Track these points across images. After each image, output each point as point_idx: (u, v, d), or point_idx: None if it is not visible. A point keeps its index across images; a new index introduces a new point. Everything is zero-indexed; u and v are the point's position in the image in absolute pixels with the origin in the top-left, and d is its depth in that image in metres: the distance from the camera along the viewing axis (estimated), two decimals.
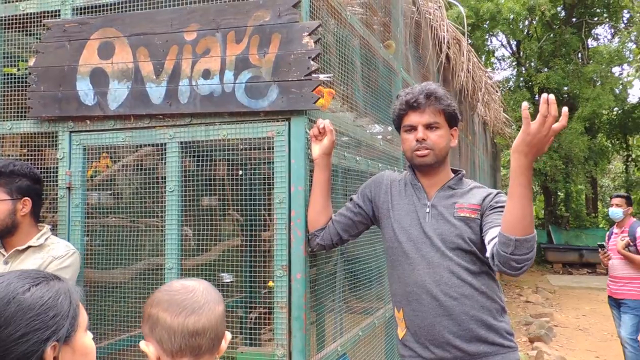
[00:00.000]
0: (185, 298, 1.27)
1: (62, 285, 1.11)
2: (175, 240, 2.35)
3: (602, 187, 24.29)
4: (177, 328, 1.24)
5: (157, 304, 1.27)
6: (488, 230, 1.93)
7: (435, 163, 2.09)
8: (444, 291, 1.99)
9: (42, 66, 2.51)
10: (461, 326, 1.98)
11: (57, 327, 1.06)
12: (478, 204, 2.04)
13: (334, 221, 2.23)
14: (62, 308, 1.07)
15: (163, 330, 1.25)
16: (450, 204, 2.07)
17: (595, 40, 19.92)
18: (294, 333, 2.13)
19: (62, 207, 2.53)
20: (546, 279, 14.48)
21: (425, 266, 2.03)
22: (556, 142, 16.18)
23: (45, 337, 1.04)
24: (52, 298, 1.07)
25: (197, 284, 1.33)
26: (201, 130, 2.33)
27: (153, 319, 1.27)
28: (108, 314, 2.53)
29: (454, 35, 5.62)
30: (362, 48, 2.99)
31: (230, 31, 2.26)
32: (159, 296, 1.30)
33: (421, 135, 2.06)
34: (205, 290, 1.32)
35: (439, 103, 2.07)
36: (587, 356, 7.23)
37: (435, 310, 2.00)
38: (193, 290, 1.30)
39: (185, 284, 1.32)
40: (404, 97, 2.12)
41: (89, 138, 2.52)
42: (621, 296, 5.50)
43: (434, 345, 2.01)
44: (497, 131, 11.68)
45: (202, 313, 1.27)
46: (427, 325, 2.01)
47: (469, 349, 1.97)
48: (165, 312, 1.25)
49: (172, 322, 1.25)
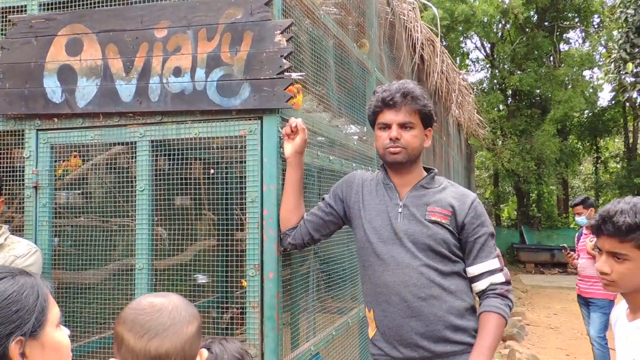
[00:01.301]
0: (149, 319, 1.19)
1: (28, 280, 1.09)
2: (146, 240, 2.32)
3: (572, 188, 24.77)
4: (140, 351, 1.17)
5: (123, 323, 1.20)
6: (470, 265, 2.07)
7: (407, 162, 2.09)
8: (412, 292, 2.00)
9: (8, 62, 2.45)
10: (429, 327, 1.99)
11: (22, 322, 1.03)
12: (449, 210, 2.05)
13: (306, 220, 2.22)
14: (26, 302, 1.05)
15: (127, 351, 1.18)
16: (422, 204, 2.08)
17: (567, 44, 20.35)
18: (267, 333, 2.12)
19: (29, 207, 2.47)
20: (518, 278, 14.70)
21: (394, 267, 2.03)
22: (529, 143, 16.47)
23: (8, 332, 1.01)
24: (15, 292, 1.05)
25: (167, 302, 1.23)
26: (172, 129, 2.30)
27: (119, 337, 1.20)
28: (78, 316, 2.48)
29: (428, 37, 5.67)
30: (336, 48, 2.99)
31: (201, 28, 2.24)
32: (126, 313, 1.22)
33: (395, 134, 2.06)
34: (175, 310, 1.23)
35: (415, 103, 2.07)
36: (557, 354, 7.35)
37: (403, 312, 2.01)
38: (160, 309, 1.21)
39: (153, 302, 1.23)
40: (380, 94, 2.11)
41: (57, 136, 2.46)
42: (590, 295, 5.61)
43: (402, 345, 2.02)
44: (471, 132, 11.82)
45: (166, 337, 1.19)
46: (396, 326, 2.02)
47: (436, 349, 1.99)
48: (129, 332, 1.19)
49: (134, 345, 1.17)
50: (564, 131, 19.83)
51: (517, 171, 16.43)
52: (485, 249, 2.05)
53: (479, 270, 2.05)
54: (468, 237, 2.06)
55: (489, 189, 23.25)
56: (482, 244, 2.06)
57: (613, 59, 9.65)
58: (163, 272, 2.47)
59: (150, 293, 1.34)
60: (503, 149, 16.44)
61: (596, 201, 20.85)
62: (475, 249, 2.05)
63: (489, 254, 2.05)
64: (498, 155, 16.39)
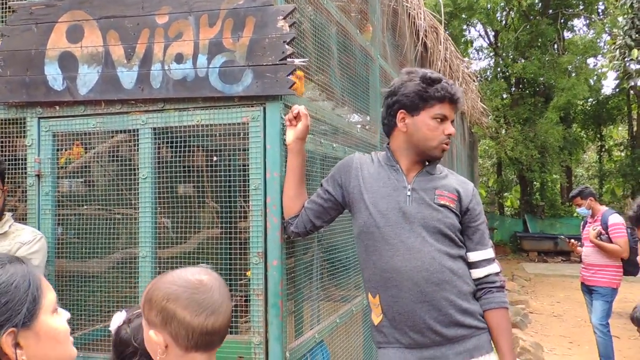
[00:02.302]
0: (205, 297, 1.27)
1: (18, 268, 1.06)
2: (149, 228, 2.31)
3: (576, 176, 24.72)
4: (197, 327, 1.25)
5: (175, 300, 1.26)
6: (472, 250, 2.10)
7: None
8: (425, 277, 1.98)
9: (8, 50, 2.43)
10: (441, 311, 1.98)
11: (12, 313, 1.01)
12: (456, 195, 2.09)
13: (306, 208, 2.20)
14: (17, 293, 1.03)
15: (181, 327, 1.25)
16: (430, 188, 2.07)
17: (571, 32, 20.19)
18: (271, 320, 2.12)
19: (32, 195, 2.47)
20: (522, 267, 14.71)
21: (405, 252, 2.00)
22: (532, 132, 16.41)
23: None
24: (5, 283, 1.02)
25: (212, 279, 1.32)
26: (175, 116, 2.29)
27: (169, 313, 1.25)
28: (82, 304, 2.48)
29: (431, 24, 5.62)
30: (339, 35, 2.96)
31: (203, 14, 2.21)
32: (175, 291, 1.27)
33: (453, 130, 2.10)
34: (221, 287, 1.33)
35: (459, 104, 2.13)
36: (560, 341, 7.36)
37: (416, 297, 1.98)
38: (211, 288, 1.30)
39: (202, 280, 1.30)
40: (447, 86, 2.08)
41: (59, 124, 2.45)
42: (593, 283, 5.61)
43: (413, 330, 2.00)
44: (474, 121, 11.76)
45: (221, 313, 1.29)
46: (408, 311, 2.00)
47: (448, 333, 1.99)
48: (184, 310, 1.25)
49: (191, 321, 1.25)
50: (568, 119, 19.75)
51: (521, 159, 16.38)
52: (485, 237, 2.11)
53: (479, 257, 2.08)
54: (470, 222, 2.10)
55: (492, 177, 23.23)
56: (483, 232, 2.11)
57: (618, 46, 9.57)
58: (167, 260, 2.46)
59: (182, 269, 1.35)
60: (506, 138, 16.38)
61: (600, 189, 20.90)
62: (477, 235, 2.10)
63: (488, 243, 2.10)
64: (501, 144, 16.34)
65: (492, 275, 2.08)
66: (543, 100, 18.10)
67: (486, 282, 2.07)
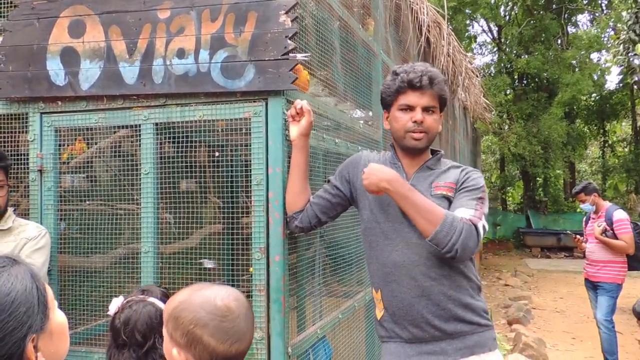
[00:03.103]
0: (232, 327, 1.31)
1: (23, 270, 1.05)
2: (151, 224, 2.31)
3: (579, 172, 24.65)
4: (220, 353, 1.29)
5: (203, 327, 1.29)
6: (453, 210, 1.96)
7: (426, 146, 2.10)
8: (422, 272, 1.99)
9: (10, 45, 2.43)
10: (439, 306, 1.98)
11: (32, 320, 1.01)
12: (454, 182, 2.04)
13: (312, 203, 2.20)
14: (32, 298, 1.02)
15: (205, 351, 1.29)
16: (428, 183, 2.07)
17: (575, 27, 20.10)
18: (273, 316, 2.12)
19: (34, 190, 2.47)
20: (525, 262, 14.70)
21: (403, 247, 2.01)
22: (535, 127, 16.36)
23: (23, 335, 0.99)
24: (20, 292, 1.01)
25: (240, 307, 1.35)
26: (177, 111, 2.28)
27: (195, 338, 1.29)
28: (84, 300, 2.48)
29: (434, 19, 5.59)
30: (342, 30, 2.95)
31: (205, 9, 2.20)
32: (203, 317, 1.29)
33: (420, 117, 2.04)
34: (247, 314, 1.36)
35: (439, 87, 2.06)
36: (563, 337, 7.36)
37: (413, 291, 2.00)
38: (238, 315, 1.33)
39: (230, 307, 1.32)
40: (405, 74, 2.06)
41: (61, 119, 2.45)
42: (597, 279, 5.60)
43: (412, 325, 2.01)
44: (477, 116, 11.73)
45: (244, 340, 1.33)
46: (406, 305, 2.01)
47: (447, 328, 1.98)
48: (211, 337, 1.29)
49: (217, 347, 1.29)
50: (571, 115, 19.67)
51: (524, 155, 16.33)
52: (469, 202, 1.97)
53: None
54: (458, 191, 2.02)
55: (495, 173, 23.18)
56: (469, 197, 1.99)
57: (622, 41, 9.52)
58: (169, 256, 2.46)
59: (210, 285, 1.38)
60: (509, 133, 16.33)
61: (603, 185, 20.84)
62: (459, 200, 1.99)
63: (470, 205, 1.96)
64: (504, 140, 16.29)
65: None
66: (546, 96, 18.03)
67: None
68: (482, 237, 1.95)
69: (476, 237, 1.89)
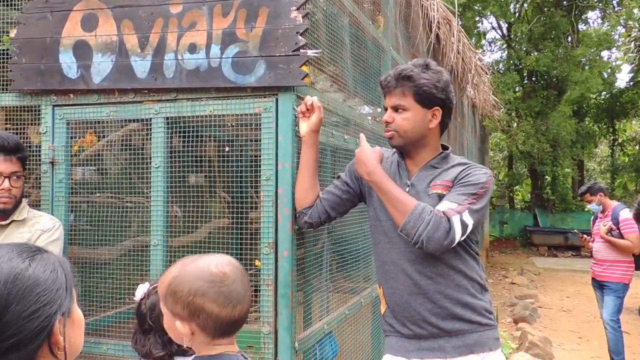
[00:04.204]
0: (231, 290, 1.33)
1: (53, 258, 1.09)
2: (160, 217, 2.33)
3: (588, 170, 24.51)
4: (224, 317, 1.31)
5: (202, 295, 1.30)
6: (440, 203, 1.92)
7: (405, 145, 2.06)
8: (418, 270, 1.99)
9: (24, 38, 2.45)
10: (436, 304, 1.98)
11: (62, 301, 1.04)
12: (452, 179, 1.99)
13: (322, 199, 2.21)
14: (62, 281, 1.06)
15: (209, 319, 1.31)
16: (427, 182, 2.04)
17: (585, 24, 19.94)
18: (280, 310, 2.13)
19: (46, 182, 2.49)
20: (531, 261, 14.66)
21: (402, 245, 2.02)
22: (544, 125, 16.27)
23: (54, 311, 1.02)
24: (52, 272, 1.05)
25: (235, 271, 1.37)
26: (187, 106, 2.30)
27: (197, 307, 1.30)
28: (94, 291, 2.51)
29: (444, 15, 5.57)
30: (352, 26, 2.95)
31: (216, 4, 2.21)
32: (202, 286, 1.31)
33: (385, 117, 2.06)
34: (243, 276, 1.38)
35: (407, 84, 1.99)
36: (570, 336, 7.34)
37: (410, 289, 2.01)
38: (234, 279, 1.35)
39: (226, 272, 1.34)
40: (382, 79, 2.10)
41: (73, 112, 2.47)
42: (604, 278, 5.58)
43: (410, 322, 2.03)
44: (486, 114, 11.69)
45: (245, 302, 1.36)
46: (404, 303, 2.03)
47: (445, 326, 1.98)
48: (213, 303, 1.30)
49: (220, 313, 1.31)
50: (580, 113, 19.53)
51: (532, 153, 16.25)
52: (458, 196, 1.92)
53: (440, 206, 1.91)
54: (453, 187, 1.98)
55: (503, 171, 23.09)
56: (453, 192, 1.95)
57: (633, 38, 9.45)
58: (177, 249, 2.48)
59: (203, 259, 1.38)
60: (518, 131, 16.25)
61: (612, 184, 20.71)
62: (450, 195, 1.94)
63: (451, 199, 1.91)
64: (513, 137, 16.22)
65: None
66: (556, 94, 17.91)
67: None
68: (463, 233, 1.87)
69: (446, 230, 1.82)
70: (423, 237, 1.84)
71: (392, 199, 1.93)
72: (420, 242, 1.85)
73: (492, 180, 2.03)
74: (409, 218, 1.87)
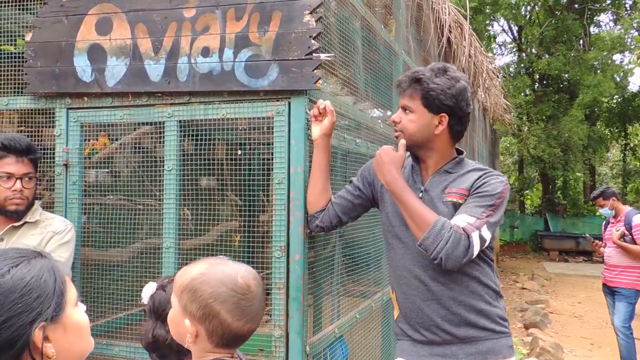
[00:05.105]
0: (249, 305, 1.32)
1: (45, 263, 1.07)
2: (173, 220, 2.34)
3: (600, 175, 24.31)
4: (234, 329, 1.31)
5: (222, 302, 1.29)
6: (457, 214, 1.89)
7: (410, 147, 2.04)
8: (431, 276, 1.97)
9: (39, 41, 2.47)
10: (449, 311, 1.96)
11: (43, 308, 1.01)
12: (467, 189, 1.95)
13: (334, 203, 2.21)
14: (46, 287, 1.03)
15: (220, 327, 1.30)
16: (442, 189, 2.00)
17: (598, 27, 19.81)
18: (292, 314, 2.13)
19: (59, 184, 2.51)
20: (542, 266, 14.55)
21: (415, 250, 1.99)
22: (555, 129, 16.16)
23: (30, 320, 1.00)
24: (34, 278, 1.02)
25: (258, 287, 1.36)
26: (200, 109, 2.31)
27: (213, 312, 1.29)
28: (106, 293, 2.52)
29: (455, 19, 5.56)
30: (364, 29, 2.95)
31: (230, 8, 2.22)
32: (223, 293, 1.30)
33: (393, 116, 2.05)
34: (262, 295, 1.38)
35: (418, 86, 1.98)
36: (581, 343, 7.28)
37: (423, 295, 1.99)
38: (256, 296, 1.34)
39: (250, 286, 1.33)
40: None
41: (87, 115, 2.49)
42: (616, 284, 5.53)
43: (423, 328, 2.01)
44: (496, 117, 11.63)
45: (256, 321, 1.35)
46: (416, 308, 2.01)
47: (458, 333, 1.96)
48: (228, 313, 1.30)
49: (231, 324, 1.30)
50: (592, 117, 19.39)
51: (543, 157, 16.15)
52: (474, 208, 1.87)
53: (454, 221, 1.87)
54: (467, 199, 1.93)
55: (514, 175, 22.95)
56: (470, 203, 1.90)
57: None
58: (187, 252, 2.49)
59: (226, 260, 1.39)
60: (529, 135, 16.15)
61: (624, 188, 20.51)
62: (464, 207, 1.90)
63: (469, 212, 1.87)
64: (524, 142, 16.12)
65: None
66: (567, 97, 17.80)
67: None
68: (481, 246, 1.85)
69: (465, 247, 1.80)
70: (442, 255, 1.81)
71: (411, 212, 1.89)
72: (439, 259, 1.82)
73: (508, 188, 2.00)
74: (428, 234, 1.84)
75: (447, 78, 1.98)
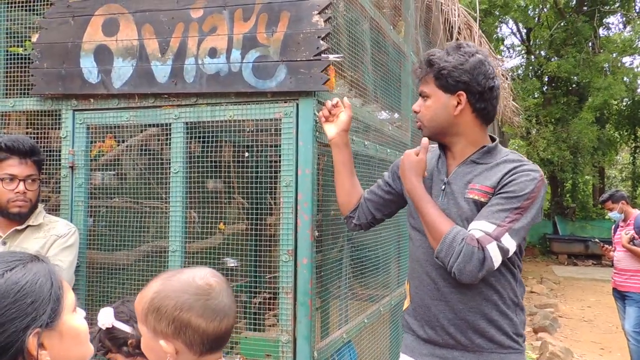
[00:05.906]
0: (217, 303, 1.27)
1: (41, 267, 1.04)
2: (179, 223, 2.31)
3: (609, 178, 24.12)
4: (212, 333, 1.25)
5: (189, 309, 1.24)
6: (478, 218, 1.75)
7: (431, 135, 1.92)
8: (442, 276, 1.85)
9: (46, 42, 2.46)
10: (457, 315, 1.84)
11: (37, 314, 0.98)
12: (492, 186, 1.77)
13: (366, 199, 2.15)
14: (41, 292, 1.00)
15: (196, 334, 1.24)
16: (465, 182, 1.84)
17: (607, 29, 19.66)
18: (299, 319, 2.09)
19: (65, 186, 2.49)
20: (551, 269, 14.44)
21: (428, 246, 1.87)
22: (565, 132, 16.05)
23: (24, 326, 0.97)
24: (29, 283, 0.99)
25: (220, 282, 1.31)
26: (207, 111, 2.28)
27: (184, 322, 1.24)
28: (112, 296, 2.50)
29: (465, 21, 5.51)
30: (373, 30, 2.92)
31: (237, 9, 2.19)
32: (187, 300, 1.25)
33: (414, 106, 1.95)
34: (227, 288, 1.32)
35: (431, 69, 1.85)
36: (591, 347, 7.19)
37: (432, 293, 1.89)
38: (220, 291, 1.29)
39: (211, 284, 1.29)
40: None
41: (93, 117, 2.47)
42: (625, 289, 5.45)
43: (428, 326, 1.91)
44: (505, 120, 11.55)
45: (231, 314, 1.30)
46: (424, 305, 1.92)
47: (462, 339, 1.84)
48: (200, 317, 1.24)
49: (207, 327, 1.25)
50: (602, 119, 19.24)
51: (552, 160, 16.03)
52: (492, 211, 1.73)
53: (472, 225, 1.74)
54: (493, 197, 1.77)
55: None
56: (493, 205, 1.74)
57: None
58: (194, 255, 2.46)
59: (184, 272, 1.32)
60: (538, 138, 16.04)
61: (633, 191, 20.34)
62: (486, 210, 1.74)
63: (489, 218, 1.72)
64: (533, 144, 16.01)
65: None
66: (577, 100, 17.67)
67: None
68: (504, 257, 1.71)
69: (480, 261, 1.67)
70: (455, 270, 1.71)
71: (427, 222, 1.80)
72: (453, 274, 1.72)
73: (543, 184, 1.78)
74: (441, 246, 1.74)
75: (460, 54, 1.83)
